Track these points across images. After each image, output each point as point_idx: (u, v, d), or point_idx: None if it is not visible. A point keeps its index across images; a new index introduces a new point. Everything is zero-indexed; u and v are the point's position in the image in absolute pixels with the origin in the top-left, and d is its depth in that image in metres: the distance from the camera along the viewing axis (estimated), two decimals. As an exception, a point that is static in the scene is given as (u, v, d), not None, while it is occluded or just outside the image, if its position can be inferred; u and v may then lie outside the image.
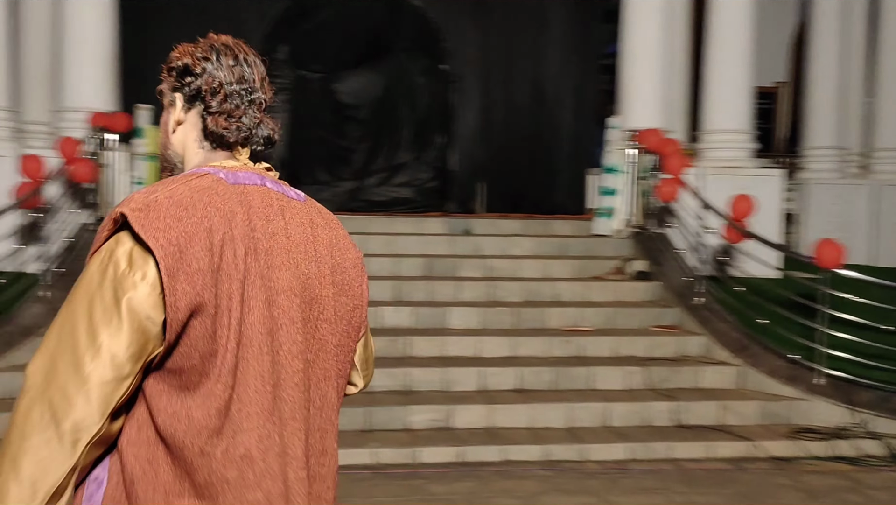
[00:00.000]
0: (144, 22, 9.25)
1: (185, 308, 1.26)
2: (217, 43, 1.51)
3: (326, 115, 9.57)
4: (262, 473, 1.34)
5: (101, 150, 7.19)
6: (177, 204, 1.31)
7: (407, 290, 6.75)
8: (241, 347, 1.32)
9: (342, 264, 1.51)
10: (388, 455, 4.95)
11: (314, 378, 1.45)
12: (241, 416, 1.32)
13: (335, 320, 1.48)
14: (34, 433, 1.24)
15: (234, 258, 1.32)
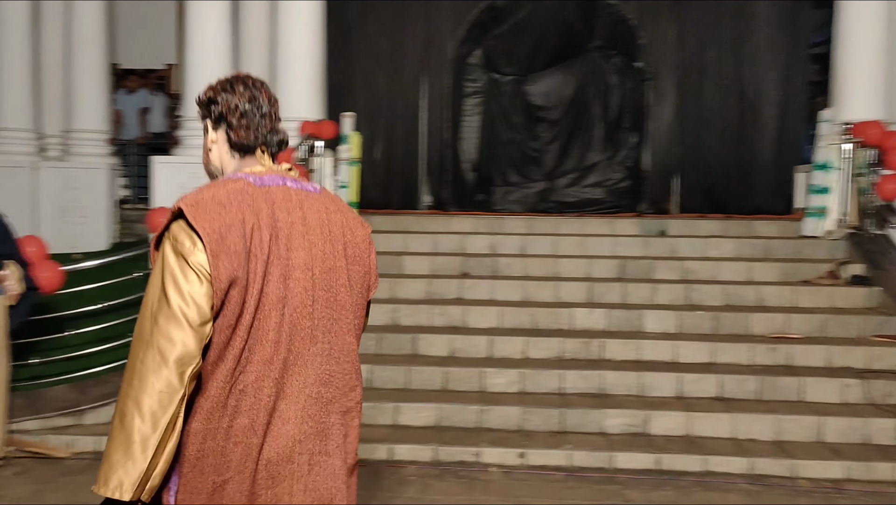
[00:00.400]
0: (348, 36, 9.81)
1: (225, 280, 1.73)
2: (230, 77, 1.99)
3: (518, 117, 9.63)
4: (250, 405, 1.79)
5: (311, 157, 7.71)
6: (217, 203, 1.79)
7: (600, 291, 6.64)
8: (257, 311, 1.79)
9: (353, 240, 1.97)
10: (582, 458, 4.89)
11: (337, 331, 1.91)
12: (247, 362, 1.79)
13: (349, 285, 1.94)
14: (150, 374, 1.67)
15: (261, 243, 1.79)
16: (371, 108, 9.79)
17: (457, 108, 9.73)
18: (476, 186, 9.74)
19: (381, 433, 5.15)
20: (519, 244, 7.44)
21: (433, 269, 7.09)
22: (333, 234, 1.94)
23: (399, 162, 9.84)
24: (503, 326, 6.33)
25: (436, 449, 4.94)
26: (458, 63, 9.63)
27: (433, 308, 6.42)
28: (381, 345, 6.04)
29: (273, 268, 1.82)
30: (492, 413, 5.29)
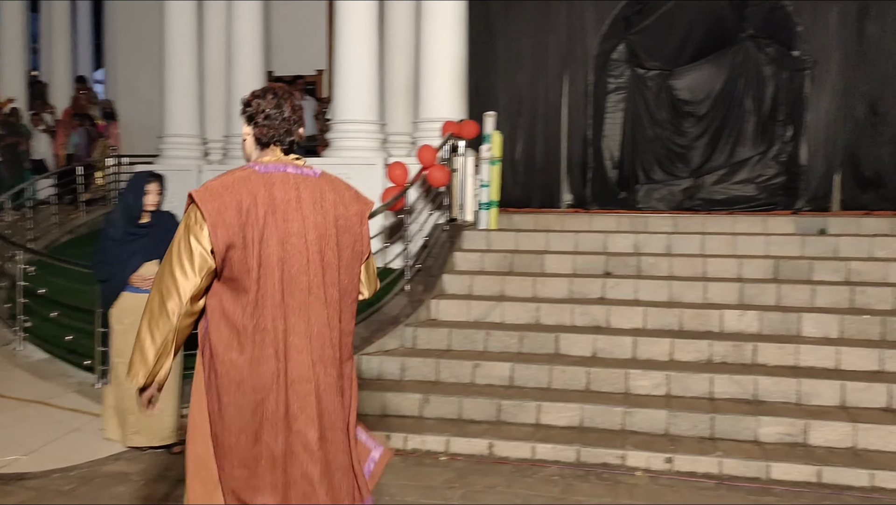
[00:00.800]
0: (489, 37, 9.87)
1: (222, 245, 2.36)
2: (266, 87, 2.62)
3: (663, 113, 9.33)
4: (271, 340, 2.42)
5: (453, 156, 7.82)
6: (222, 186, 2.42)
7: (752, 293, 6.32)
8: (261, 268, 2.40)
9: (344, 214, 2.55)
10: (734, 466, 4.67)
11: (327, 284, 2.49)
12: (262, 305, 2.41)
13: (338, 249, 2.52)
14: (154, 309, 2.41)
15: (256, 217, 2.39)
16: (512, 107, 9.81)
17: (599, 105, 9.56)
18: (618, 184, 9.52)
19: (524, 432, 5.14)
20: (664, 243, 7.20)
21: (575, 268, 7.00)
22: (325, 208, 2.51)
23: (540, 160, 9.80)
24: (648, 326, 6.15)
25: (579, 450, 4.87)
26: (601, 59, 9.46)
27: (575, 307, 6.33)
28: (523, 344, 6.03)
29: (270, 235, 2.42)
30: (637, 416, 5.16)
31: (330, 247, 2.51)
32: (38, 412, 5.54)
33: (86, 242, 10.51)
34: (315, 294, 2.47)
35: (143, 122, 13.98)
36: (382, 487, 4.45)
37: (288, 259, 2.43)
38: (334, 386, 2.51)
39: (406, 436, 5.12)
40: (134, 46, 14.60)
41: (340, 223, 2.53)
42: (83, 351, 6.34)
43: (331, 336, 2.50)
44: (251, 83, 10.09)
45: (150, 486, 4.45)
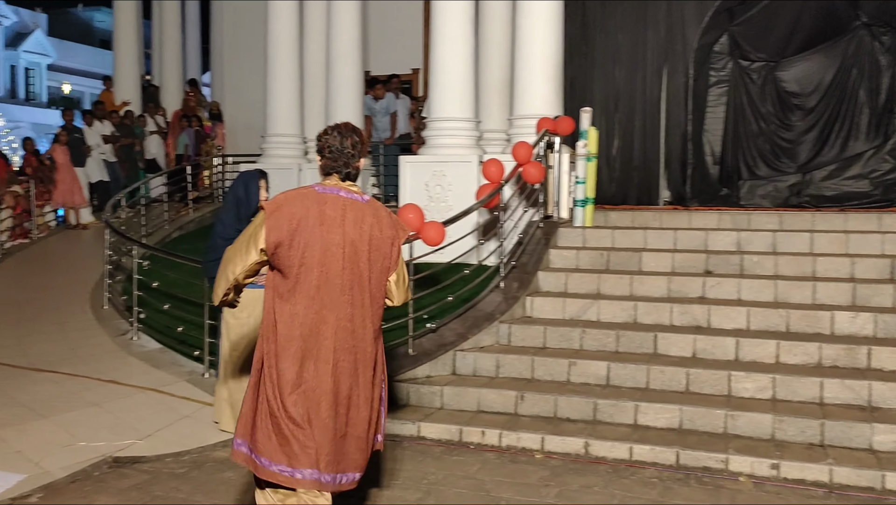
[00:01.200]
0: (585, 32, 9.74)
1: (271, 244, 3.02)
2: (334, 126, 3.25)
3: (768, 106, 8.96)
4: (301, 322, 3.07)
5: (548, 153, 7.76)
6: (285, 199, 3.09)
7: (866, 294, 6.00)
8: (301, 266, 3.05)
9: (378, 236, 3.16)
10: (846, 475, 4.45)
11: (355, 289, 3.13)
12: (298, 294, 3.07)
13: (369, 263, 3.14)
14: (221, 275, 3.17)
15: (306, 226, 3.03)
16: (609, 102, 9.66)
17: (700, 99, 9.27)
18: (720, 181, 9.22)
19: (621, 432, 5.06)
20: (769, 241, 6.93)
21: (674, 266, 6.83)
22: (363, 228, 3.13)
23: (637, 157, 9.60)
24: (752, 327, 5.94)
25: (678, 452, 4.75)
26: (702, 52, 9.17)
27: (674, 307, 6.18)
28: (620, 343, 5.93)
29: (315, 242, 3.06)
30: (740, 419, 4.99)
31: (363, 260, 3.13)
32: (151, 399, 5.84)
33: (194, 238, 11.02)
34: (346, 296, 3.11)
35: (246, 122, 14.52)
36: (477, 483, 4.48)
37: (327, 263, 3.07)
38: (350, 370, 3.15)
39: (501, 432, 5.13)
40: (238, 50, 15.17)
41: (374, 242, 3.15)
42: (193, 342, 6.65)
43: (353, 330, 3.14)
44: (349, 83, 10.33)
45: (255, 472, 4.61)
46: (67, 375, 6.33)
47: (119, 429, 5.28)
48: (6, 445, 4.96)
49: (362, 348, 3.17)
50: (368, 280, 3.15)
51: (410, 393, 5.73)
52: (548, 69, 8.11)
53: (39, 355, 6.86)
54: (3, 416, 5.47)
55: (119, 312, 8.01)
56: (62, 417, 5.44)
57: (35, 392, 5.95)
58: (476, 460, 4.87)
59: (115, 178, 13.15)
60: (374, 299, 3.20)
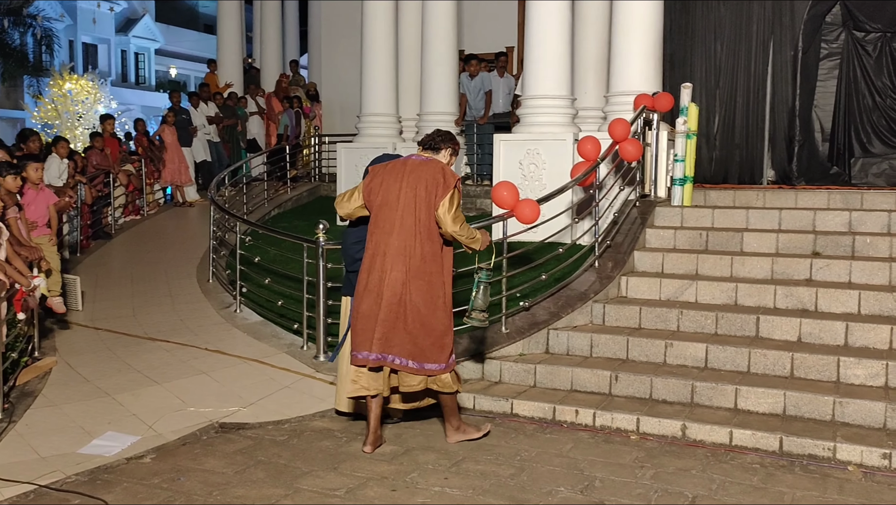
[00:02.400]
0: (686, 6, 9.42)
1: (369, 194, 4.56)
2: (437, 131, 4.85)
3: (884, 80, 8.47)
4: (374, 244, 4.51)
5: (646, 130, 7.57)
6: (383, 166, 4.63)
7: None
8: (378, 207, 4.52)
9: (426, 187, 4.43)
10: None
11: (408, 219, 4.44)
12: (374, 226, 4.54)
13: (418, 204, 4.43)
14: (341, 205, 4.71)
15: (387, 184, 4.52)
16: (709, 78, 9.35)
17: (809, 73, 8.85)
18: (829, 158, 8.80)
19: (720, 416, 4.93)
20: (884, 221, 6.57)
21: (778, 247, 6.57)
22: (418, 179, 4.45)
23: (739, 134, 9.27)
24: (863, 312, 5.66)
25: (782, 438, 4.59)
26: (812, 23, 8.73)
27: (778, 289, 5.95)
28: (719, 325, 5.77)
29: (391, 192, 4.47)
30: (849, 407, 4.77)
31: (415, 199, 4.43)
32: (254, 369, 6.08)
33: (291, 216, 11.34)
34: (400, 224, 4.43)
35: (343, 103, 14.79)
36: (570, 461, 4.46)
37: (390, 202, 4.47)
38: (401, 280, 4.41)
39: (595, 412, 5.08)
40: (335, 31, 15.43)
41: (425, 187, 4.42)
42: (292, 316, 6.86)
43: (405, 250, 4.41)
44: (443, 62, 10.35)
45: (351, 443, 4.75)
46: (177, 345, 6.66)
47: (225, 396, 5.52)
48: (123, 409, 5.27)
49: (412, 263, 4.40)
50: (416, 213, 4.41)
51: (504, 370, 5.75)
52: (646, 44, 7.88)
53: (152, 325, 7.23)
54: (120, 381, 5.81)
55: (223, 286, 8.34)
56: (173, 384, 5.73)
57: (149, 360, 6.29)
58: (569, 439, 4.85)
59: (219, 158, 13.66)
60: (424, 228, 4.41)
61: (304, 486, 4.11)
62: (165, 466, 4.38)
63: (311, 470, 4.33)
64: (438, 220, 4.40)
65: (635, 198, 7.58)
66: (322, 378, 5.93)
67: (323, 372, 6.03)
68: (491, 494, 4.01)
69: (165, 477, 4.21)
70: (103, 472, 4.29)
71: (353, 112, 12.17)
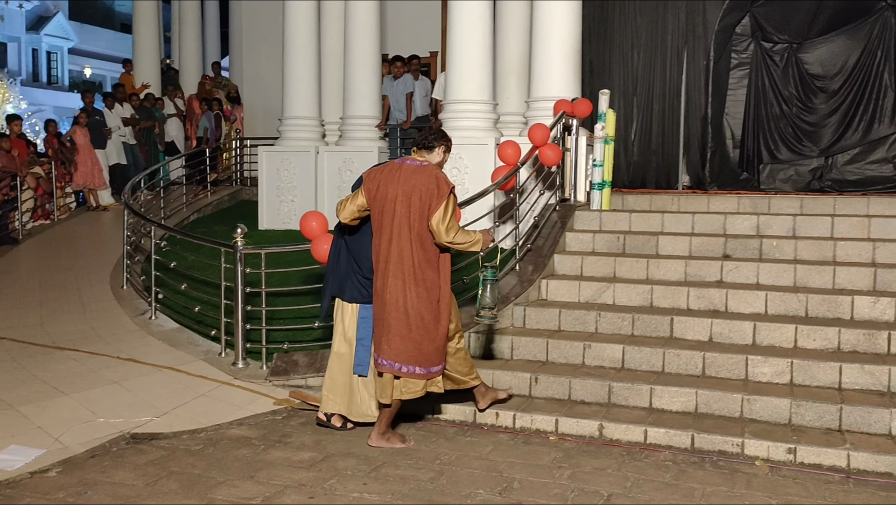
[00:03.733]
0: (604, 14, 9.64)
1: (369, 199, 4.63)
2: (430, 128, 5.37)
3: (790, 89, 8.85)
4: (377, 249, 4.65)
5: (565, 136, 7.70)
6: (379, 171, 4.69)
7: (887, 279, 5.93)
8: (378, 213, 4.61)
9: (418, 194, 4.48)
10: (864, 460, 4.41)
11: (404, 227, 4.52)
12: (377, 233, 4.63)
13: (410, 211, 4.49)
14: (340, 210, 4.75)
15: (383, 190, 4.57)
16: (627, 85, 9.58)
17: (720, 82, 9.17)
18: (740, 164, 9.13)
19: (636, 415, 5.04)
20: (789, 225, 6.86)
21: (691, 250, 6.77)
22: (412, 188, 4.50)
23: (656, 140, 9.52)
24: (770, 312, 5.89)
25: (693, 435, 4.72)
26: (723, 34, 9.05)
27: (691, 290, 6.13)
28: (636, 326, 5.90)
29: (387, 199, 4.54)
30: (756, 403, 4.95)
31: (409, 206, 4.49)
32: (169, 378, 5.90)
33: (211, 221, 11.09)
34: (397, 231, 4.52)
35: (265, 106, 14.55)
36: (490, 463, 4.48)
37: (390, 211, 4.54)
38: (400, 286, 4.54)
39: (515, 414, 5.13)
40: (257, 33, 15.18)
41: (422, 195, 4.48)
42: (210, 322, 6.69)
43: (402, 257, 4.52)
44: (366, 66, 10.30)
45: (269, 450, 4.66)
46: (88, 354, 6.40)
47: (137, 406, 5.34)
48: (27, 421, 5.03)
49: (409, 271, 4.50)
50: (411, 221, 4.48)
51: (425, 374, 5.73)
52: (566, 51, 8.03)
53: (62, 334, 6.94)
54: (25, 392, 5.55)
55: (138, 292, 8.08)
56: (82, 395, 5.51)
57: (57, 370, 6.03)
58: (490, 441, 4.87)
59: (135, 161, 13.25)
60: (418, 236, 4.49)
61: (219, 496, 4.01)
62: (72, 479, 4.20)
63: (226, 479, 4.22)
64: (432, 231, 4.46)
65: (556, 202, 7.70)
66: (240, 385, 5.81)
67: (241, 379, 5.91)
68: (410, 499, 3.99)
69: (72, 491, 4.04)
70: (5, 487, 4.08)
71: (275, 115, 11.99)
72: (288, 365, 5.99)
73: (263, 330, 6.16)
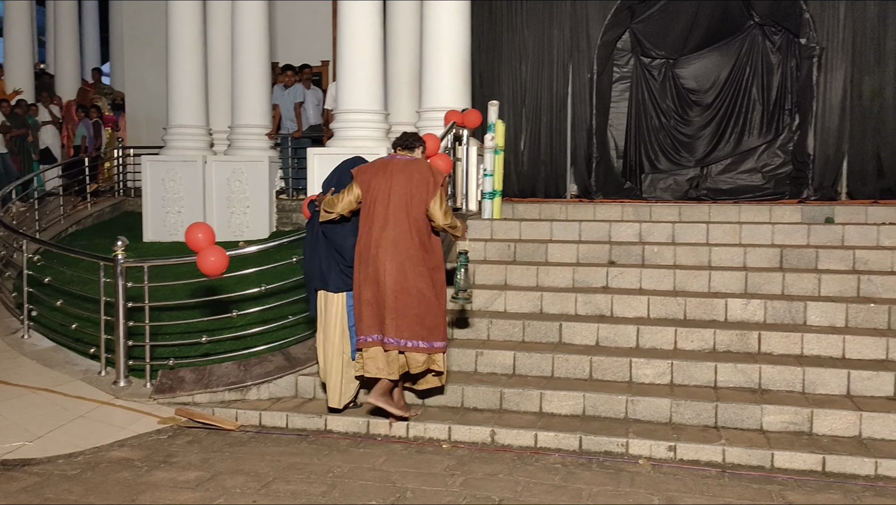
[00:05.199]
0: (493, 27, 9.83)
1: (361, 191, 4.98)
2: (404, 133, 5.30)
3: (668, 102, 9.29)
4: (366, 236, 4.95)
5: (456, 146, 7.80)
6: (368, 166, 5.12)
7: (757, 282, 6.29)
8: (370, 203, 4.95)
9: (417, 185, 4.91)
10: (737, 455, 4.66)
11: (402, 220, 4.88)
12: (366, 221, 4.96)
13: (409, 197, 4.89)
14: (333, 205, 5.02)
15: (376, 181, 4.94)
16: (517, 97, 9.79)
17: (604, 95, 9.52)
18: (623, 174, 9.50)
19: (527, 420, 5.14)
20: (668, 232, 7.18)
21: (579, 257, 6.98)
22: (407, 177, 4.90)
23: (544, 151, 9.77)
24: (652, 315, 6.13)
25: (581, 438, 4.86)
26: (605, 49, 9.42)
27: (579, 296, 6.32)
28: (526, 332, 6.02)
29: (379, 189, 4.90)
30: (640, 404, 5.15)
31: (405, 196, 4.87)
32: (44, 399, 5.57)
33: (92, 234, 10.57)
34: (392, 219, 4.86)
35: (149, 114, 14.01)
36: (383, 474, 4.46)
37: (381, 199, 4.88)
38: (398, 269, 4.84)
39: (408, 423, 5.12)
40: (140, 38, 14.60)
41: (413, 183, 4.88)
42: (88, 339, 6.37)
43: (398, 242, 4.85)
44: (255, 74, 10.10)
45: (153, 472, 4.47)
46: (-50, 378, 5.97)
47: (8, 431, 5.02)
48: None
49: (407, 254, 4.84)
50: (408, 209, 4.86)
51: (318, 387, 5.66)
52: (455, 62, 8.13)
53: (-81, 357, 6.44)
54: None
55: (9, 310, 7.60)
56: (-57, 422, 5.13)
57: (-87, 396, 5.59)
58: (383, 452, 4.85)
59: (7, 171, 12.46)
60: (416, 221, 4.87)
61: (97, 523, 3.81)
62: (-70, 514, 3.90)
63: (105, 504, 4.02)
64: (431, 215, 4.88)
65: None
66: (122, 405, 5.56)
67: (123, 398, 5.65)
68: (301, 515, 3.92)
69: (-70, 527, 3.75)
70: None
71: (160, 123, 11.56)
72: (174, 382, 5.77)
73: (147, 346, 5.92)
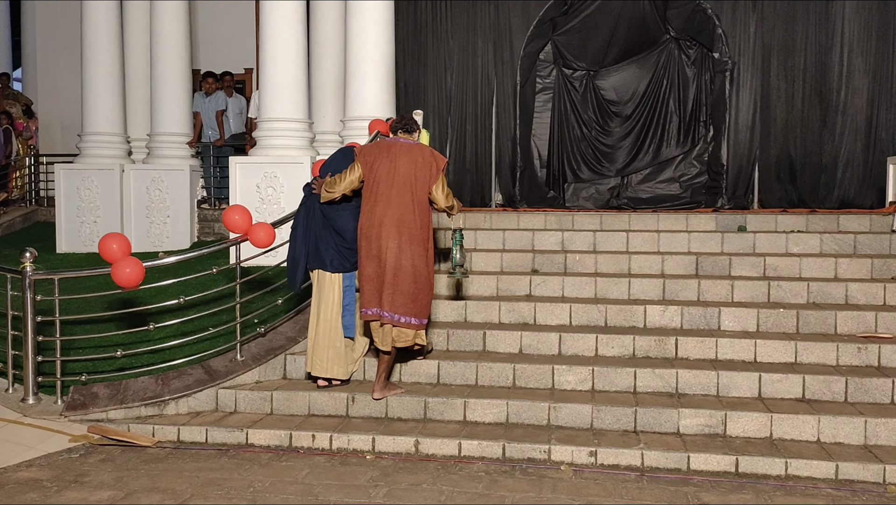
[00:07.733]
0: (417, 36, 9.86)
1: (363, 171, 5.21)
2: (402, 115, 5.64)
3: (589, 113, 9.48)
4: (369, 215, 5.17)
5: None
6: (370, 146, 5.40)
7: (674, 289, 6.47)
8: (376, 184, 5.16)
9: (420, 162, 5.17)
10: (655, 458, 4.76)
11: (406, 199, 5.13)
12: (369, 200, 5.19)
13: (413, 179, 5.15)
14: (334, 186, 5.28)
15: (380, 162, 5.17)
16: (442, 106, 9.83)
17: (527, 105, 9.65)
18: (547, 183, 9.64)
19: (451, 429, 5.14)
20: (590, 241, 7.32)
21: (503, 266, 7.05)
22: (410, 159, 5.14)
23: (470, 160, 9.83)
24: (574, 323, 6.24)
25: (504, 445, 4.89)
26: (528, 60, 9.56)
27: (503, 305, 6.37)
28: (451, 341, 6.04)
29: (383, 170, 5.13)
30: (562, 411, 5.22)
31: (408, 178, 5.11)
32: (-57, 421, 5.28)
33: (1, 245, 10.09)
34: (397, 202, 5.08)
35: (64, 120, 13.53)
36: (305, 488, 4.39)
37: (385, 180, 5.11)
38: (398, 247, 5.07)
39: (332, 435, 5.06)
40: (54, 42, 14.10)
41: (417, 169, 5.13)
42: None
43: (401, 221, 5.07)
44: (175, 80, 9.86)
45: (63, 492, 4.28)
46: None
47: None
48: None
49: (408, 232, 5.07)
50: (413, 190, 5.10)
51: (239, 399, 5.54)
52: (380, 71, 8.11)
53: None
54: None
55: None
56: None
57: None
58: (305, 465, 4.78)
59: None
60: (419, 201, 5.12)
61: (-1, 549, 3.63)
62: None
63: (9, 530, 3.83)
64: (433, 197, 5.18)
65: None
66: (31, 423, 5.31)
67: (32, 416, 5.41)
68: (218, 533, 3.82)
69: None
70: None
71: (75, 130, 11.18)
72: (86, 398, 5.55)
73: (58, 361, 5.67)
